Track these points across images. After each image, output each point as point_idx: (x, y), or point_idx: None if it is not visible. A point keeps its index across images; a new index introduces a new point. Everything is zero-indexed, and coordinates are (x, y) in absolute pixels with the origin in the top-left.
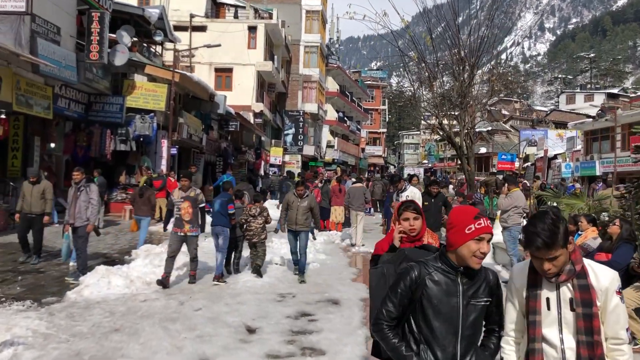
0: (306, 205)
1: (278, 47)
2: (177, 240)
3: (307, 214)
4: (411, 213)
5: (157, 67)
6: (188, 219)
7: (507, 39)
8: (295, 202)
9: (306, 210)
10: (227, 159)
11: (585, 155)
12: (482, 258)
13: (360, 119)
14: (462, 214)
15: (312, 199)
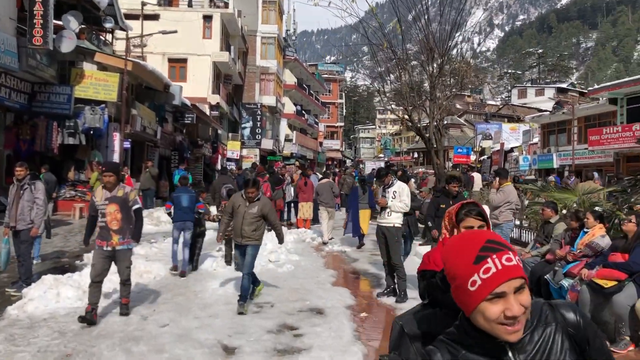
0: (255, 212)
1: (234, 38)
2: (102, 257)
3: (256, 224)
4: (475, 219)
5: (108, 55)
6: (116, 227)
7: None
8: (241, 207)
9: (255, 218)
10: (183, 153)
11: (542, 148)
12: (516, 323)
13: (318, 113)
14: (457, 254)
15: (264, 204)
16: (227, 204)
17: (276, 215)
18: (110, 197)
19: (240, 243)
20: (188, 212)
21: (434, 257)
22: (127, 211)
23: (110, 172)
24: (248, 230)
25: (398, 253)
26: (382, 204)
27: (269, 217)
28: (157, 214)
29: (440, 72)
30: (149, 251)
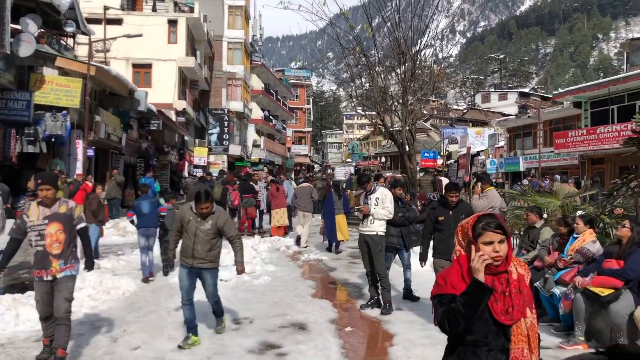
0: (209, 228)
1: (200, 43)
2: (45, 291)
3: (211, 242)
4: (495, 233)
5: (69, 60)
6: (58, 251)
7: (427, 38)
8: (192, 222)
9: (210, 235)
10: (149, 160)
11: (509, 152)
12: None
13: (286, 118)
14: None
15: (219, 216)
16: (175, 219)
17: (235, 228)
18: (50, 215)
19: (192, 265)
20: (150, 219)
21: (450, 278)
22: (71, 231)
23: (47, 184)
24: (202, 250)
25: (382, 262)
26: (365, 212)
27: (226, 230)
28: (124, 224)
29: (412, 76)
30: (116, 264)
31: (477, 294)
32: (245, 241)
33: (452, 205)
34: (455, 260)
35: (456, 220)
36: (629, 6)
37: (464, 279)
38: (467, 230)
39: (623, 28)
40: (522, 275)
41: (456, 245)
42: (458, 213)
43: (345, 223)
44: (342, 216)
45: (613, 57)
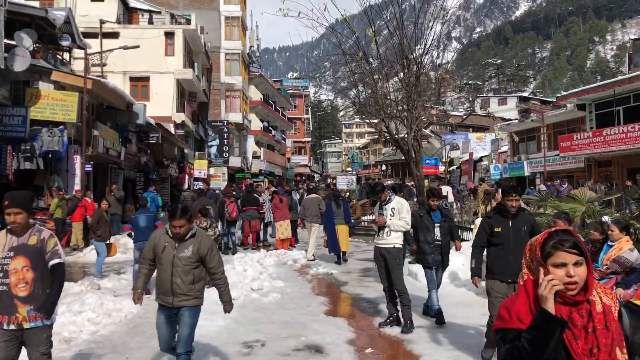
0: (190, 255)
1: (198, 54)
2: (3, 341)
3: (193, 273)
4: (570, 254)
5: (65, 73)
6: (25, 293)
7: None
8: (168, 249)
9: (191, 264)
10: (148, 174)
11: (512, 157)
12: None
13: (285, 129)
14: None
15: (202, 242)
16: (147, 246)
17: (220, 257)
18: (17, 247)
19: (171, 304)
20: (146, 232)
21: (516, 309)
22: (43, 268)
23: (16, 206)
24: (182, 284)
25: (401, 277)
26: (380, 223)
27: (208, 259)
28: (124, 241)
29: (417, 80)
30: (117, 284)
31: (546, 328)
32: (251, 255)
33: (512, 214)
34: (522, 287)
35: (517, 233)
36: (625, 8)
37: (532, 310)
38: (535, 249)
39: (619, 30)
40: (609, 306)
41: (523, 267)
42: (519, 224)
43: (346, 234)
44: (344, 227)
45: (610, 60)
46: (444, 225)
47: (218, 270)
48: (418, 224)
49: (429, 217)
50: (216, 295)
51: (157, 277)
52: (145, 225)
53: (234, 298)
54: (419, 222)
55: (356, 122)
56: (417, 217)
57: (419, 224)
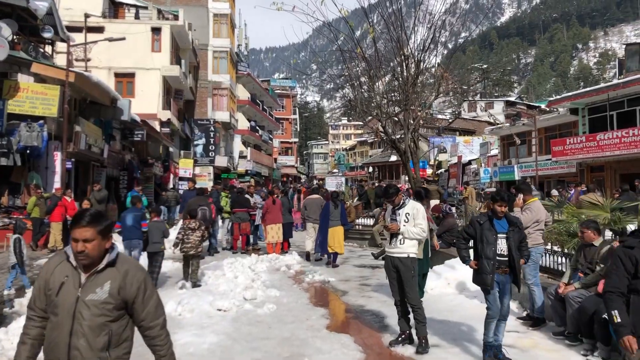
0: (104, 299)
1: (185, 51)
2: None
3: (109, 327)
4: None
5: (46, 65)
6: None
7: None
8: (68, 286)
9: (105, 312)
10: (133, 172)
11: (502, 160)
12: None
13: (272, 129)
14: None
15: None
16: (36, 283)
17: (160, 302)
18: None
19: None
20: (133, 231)
21: None
22: None
23: None
24: (87, 349)
25: (415, 290)
26: (394, 230)
27: (139, 308)
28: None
29: (415, 80)
30: None
31: None
32: (241, 261)
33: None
34: None
35: None
36: (607, 17)
37: None
38: None
39: (602, 38)
40: None
41: None
42: None
43: (341, 235)
44: (340, 228)
45: (593, 67)
46: (513, 236)
47: (155, 325)
48: (477, 235)
49: (490, 226)
50: (206, 305)
51: (47, 336)
52: (131, 224)
53: (226, 309)
54: (478, 233)
55: (343, 123)
56: (476, 226)
57: (477, 235)
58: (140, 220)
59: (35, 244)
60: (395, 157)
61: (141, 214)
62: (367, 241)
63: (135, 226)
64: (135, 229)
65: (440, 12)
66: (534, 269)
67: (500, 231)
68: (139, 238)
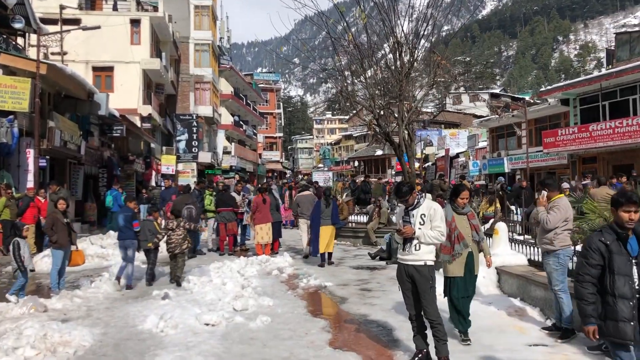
0: None
1: (165, 44)
2: None
3: None
4: None
5: (16, 57)
6: None
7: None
8: None
9: None
10: (113, 170)
11: (492, 153)
12: None
13: (256, 123)
14: None
15: None
16: None
17: None
18: None
19: None
20: (125, 231)
21: None
22: None
23: None
24: None
25: (434, 303)
26: (407, 234)
27: None
28: (81, 246)
29: (410, 68)
30: (68, 304)
31: None
32: (229, 264)
33: None
34: None
35: None
36: (587, 9)
37: None
38: None
39: (582, 30)
40: None
41: None
42: None
43: (332, 235)
44: (330, 227)
45: (573, 59)
46: None
47: None
48: (606, 262)
49: (621, 247)
50: (192, 319)
51: None
52: (123, 224)
53: (215, 323)
54: (607, 259)
55: (327, 117)
56: (602, 249)
57: (606, 262)
58: (132, 220)
59: (6, 249)
60: (382, 151)
61: (132, 214)
62: (362, 239)
63: (127, 226)
64: (128, 229)
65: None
66: (561, 274)
67: (633, 254)
68: (132, 238)
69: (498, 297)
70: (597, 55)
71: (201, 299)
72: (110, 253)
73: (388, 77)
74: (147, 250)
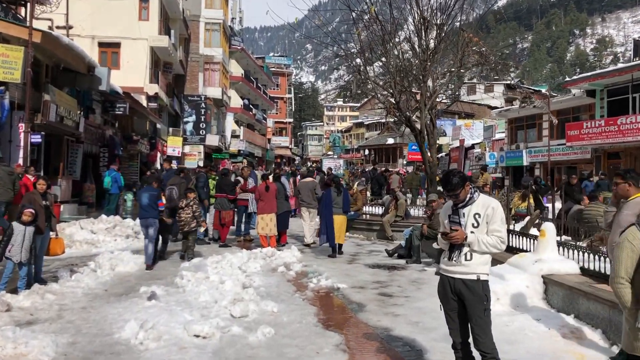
0: None
1: (175, 22)
2: None
3: None
4: None
5: (8, 22)
6: None
7: None
8: None
9: None
10: (114, 149)
11: (510, 145)
12: None
13: (266, 108)
14: None
15: None
16: None
17: None
18: None
19: None
20: (149, 210)
21: None
22: None
23: None
24: None
25: (488, 329)
26: (456, 239)
27: None
28: (70, 231)
29: (437, 46)
30: (38, 302)
31: None
32: (229, 258)
33: None
34: None
35: None
36: (605, 2)
37: None
38: None
39: (599, 24)
40: None
41: None
42: None
43: (343, 225)
44: (341, 217)
45: (589, 53)
46: None
47: None
48: None
49: None
50: (179, 328)
51: None
52: (147, 203)
53: (206, 335)
54: None
55: (338, 104)
56: None
57: None
58: (157, 199)
59: None
60: (392, 140)
61: (157, 194)
62: (376, 233)
63: (152, 205)
64: (152, 208)
65: None
66: None
67: None
68: (154, 217)
69: (546, 312)
70: (613, 49)
71: (194, 300)
72: (100, 239)
73: (411, 57)
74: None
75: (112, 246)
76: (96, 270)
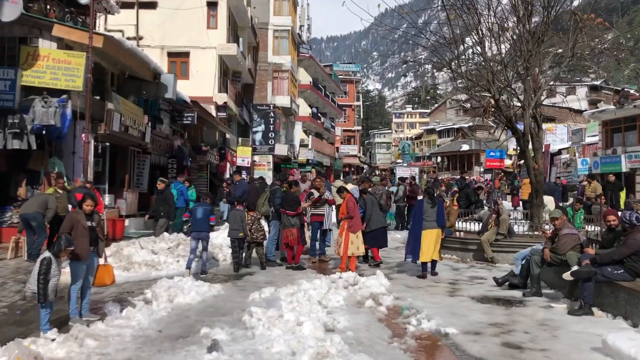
0: None
1: (243, 30)
2: None
3: None
4: None
5: (70, 28)
6: None
7: None
8: None
9: None
10: (183, 160)
11: (605, 149)
12: None
13: (335, 116)
14: None
15: None
16: None
17: None
18: None
19: None
20: (202, 224)
21: None
22: None
23: None
24: None
25: None
26: None
27: None
28: (128, 252)
29: (544, 33)
30: (75, 350)
31: None
32: (307, 289)
33: None
34: None
35: None
36: None
37: None
38: None
39: None
40: None
41: None
42: None
43: (437, 240)
44: (436, 231)
45: None
46: None
47: None
48: None
49: None
50: None
51: None
52: (200, 218)
53: None
54: None
55: (407, 111)
56: None
57: None
58: (210, 214)
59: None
60: (467, 146)
61: (210, 209)
62: (472, 254)
63: (205, 220)
64: (204, 223)
65: None
66: None
67: None
68: (207, 231)
69: None
70: None
71: (265, 351)
72: (162, 261)
73: (511, 47)
74: (235, 239)
75: (174, 268)
76: (151, 302)
